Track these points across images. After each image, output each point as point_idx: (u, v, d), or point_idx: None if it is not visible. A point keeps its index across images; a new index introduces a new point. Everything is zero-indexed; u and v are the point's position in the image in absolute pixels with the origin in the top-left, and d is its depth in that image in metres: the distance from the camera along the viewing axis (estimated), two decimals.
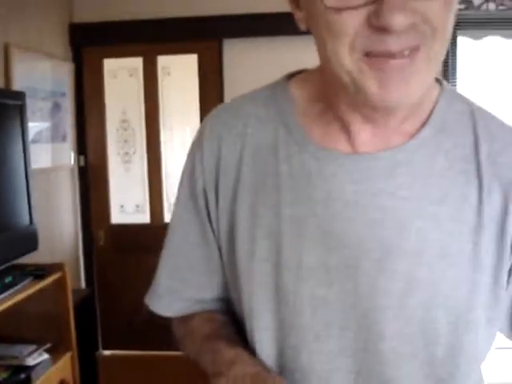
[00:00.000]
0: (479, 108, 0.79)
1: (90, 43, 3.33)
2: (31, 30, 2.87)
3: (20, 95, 2.40)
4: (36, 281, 2.22)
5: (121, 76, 3.41)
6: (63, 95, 3.17)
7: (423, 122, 0.76)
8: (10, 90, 2.57)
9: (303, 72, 0.84)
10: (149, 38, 3.27)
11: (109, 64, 3.39)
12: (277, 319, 0.76)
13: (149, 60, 3.36)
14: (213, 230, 0.82)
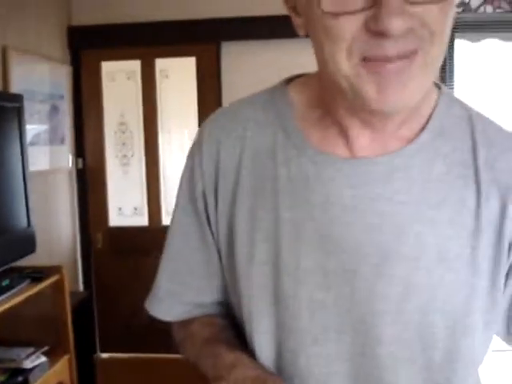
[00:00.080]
0: (477, 113, 0.79)
1: (89, 46, 3.33)
2: (29, 33, 2.87)
3: (18, 98, 2.40)
4: (34, 283, 2.22)
5: (119, 79, 3.41)
6: (61, 98, 3.17)
7: (422, 127, 0.76)
8: (8, 93, 2.57)
9: (302, 76, 0.84)
10: (147, 41, 3.27)
11: (107, 67, 3.40)
12: (276, 323, 0.76)
13: (147, 63, 3.36)
14: (212, 233, 0.82)
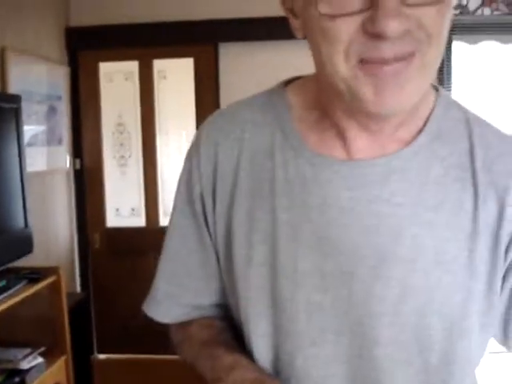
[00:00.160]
0: (475, 116, 0.79)
1: (86, 47, 3.33)
2: (27, 34, 2.87)
3: (16, 98, 2.39)
4: (31, 284, 2.22)
5: (117, 80, 3.41)
6: (59, 98, 3.17)
7: (419, 129, 0.76)
8: (6, 93, 2.57)
9: (300, 78, 0.84)
10: (145, 42, 3.27)
11: (105, 67, 3.39)
12: (273, 325, 0.76)
13: (145, 64, 3.36)
14: (210, 235, 0.82)
